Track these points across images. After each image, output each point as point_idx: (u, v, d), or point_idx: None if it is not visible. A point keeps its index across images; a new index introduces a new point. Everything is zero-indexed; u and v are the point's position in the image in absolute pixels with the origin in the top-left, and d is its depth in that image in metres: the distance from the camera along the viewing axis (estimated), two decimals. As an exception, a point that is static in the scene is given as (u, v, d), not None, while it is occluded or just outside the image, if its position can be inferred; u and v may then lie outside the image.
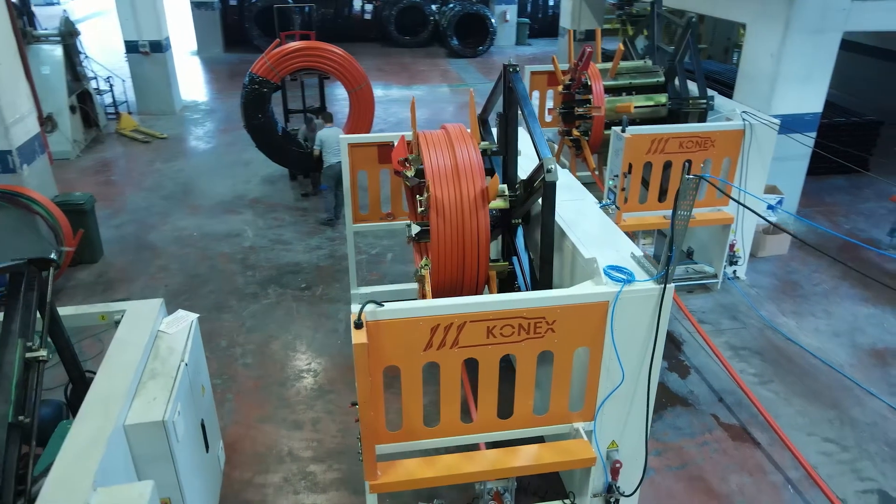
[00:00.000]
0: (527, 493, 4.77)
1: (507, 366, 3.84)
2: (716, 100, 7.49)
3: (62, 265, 7.29)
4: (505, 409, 3.94)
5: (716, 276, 7.46)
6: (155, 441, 3.61)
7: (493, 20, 20.17)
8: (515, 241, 4.84)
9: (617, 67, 7.58)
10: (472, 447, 4.20)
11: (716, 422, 5.61)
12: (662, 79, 7.62)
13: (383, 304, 3.47)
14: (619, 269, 3.79)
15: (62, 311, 3.99)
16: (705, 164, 6.85)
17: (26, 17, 11.33)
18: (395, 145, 5.40)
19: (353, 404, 3.96)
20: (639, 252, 4.06)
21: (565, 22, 15.12)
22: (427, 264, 4.53)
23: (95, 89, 12.61)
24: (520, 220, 4.86)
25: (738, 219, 7.15)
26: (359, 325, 3.41)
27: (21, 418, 3.15)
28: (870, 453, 5.27)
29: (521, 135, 4.97)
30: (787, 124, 7.53)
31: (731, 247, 7.29)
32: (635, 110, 7.35)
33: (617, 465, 4.10)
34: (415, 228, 4.71)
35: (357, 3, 21.07)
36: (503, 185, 4.72)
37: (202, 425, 4.39)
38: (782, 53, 7.65)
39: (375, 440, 3.75)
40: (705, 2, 9.32)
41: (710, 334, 6.50)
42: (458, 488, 4.62)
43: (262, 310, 7.14)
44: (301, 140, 9.95)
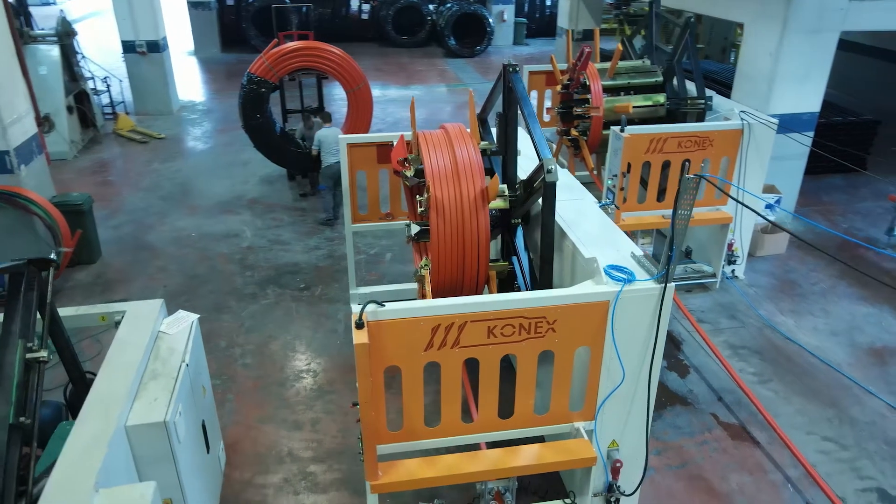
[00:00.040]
0: (527, 492, 4.78)
1: (507, 366, 3.84)
2: (714, 99, 7.51)
3: (60, 266, 7.27)
4: (506, 408, 3.94)
5: (714, 276, 7.47)
6: (156, 442, 3.60)
7: (490, 20, 20.17)
8: (515, 241, 4.85)
9: (615, 67, 7.59)
10: (473, 447, 4.20)
11: (715, 421, 5.62)
12: (661, 79, 7.63)
13: (384, 304, 3.48)
14: (619, 269, 3.80)
15: (62, 311, 3.98)
16: (704, 164, 6.84)
17: (23, 17, 11.30)
18: (395, 145, 5.40)
19: (354, 404, 3.95)
20: (639, 252, 4.07)
21: (563, 22, 15.14)
22: (427, 264, 4.53)
23: (93, 89, 12.56)
24: (519, 220, 4.87)
25: (737, 218, 7.16)
26: (360, 326, 3.41)
27: (22, 419, 3.14)
28: (869, 452, 5.29)
29: (520, 135, 4.98)
30: (785, 124, 7.55)
31: (730, 246, 7.30)
32: (634, 110, 7.35)
33: (617, 465, 4.10)
34: (414, 228, 4.72)
35: (354, 3, 21.01)
36: (503, 185, 4.73)
37: (203, 426, 4.39)
38: (780, 53, 7.67)
39: (377, 440, 3.76)
40: (703, 1, 9.33)
41: (709, 333, 6.51)
42: (459, 488, 4.62)
43: (261, 310, 7.13)
44: (299, 139, 9.94)
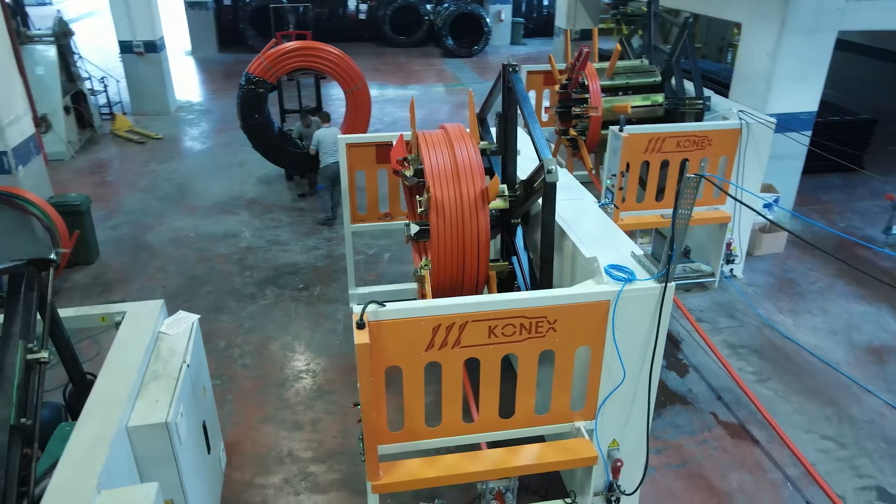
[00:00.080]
0: (528, 492, 4.78)
1: (507, 365, 3.84)
2: (712, 99, 7.52)
3: (59, 266, 7.26)
4: (506, 408, 3.95)
5: (713, 275, 7.48)
6: (158, 443, 3.60)
7: (487, 20, 20.18)
8: (515, 241, 4.85)
9: (614, 67, 7.60)
10: (474, 447, 4.20)
11: (715, 420, 5.63)
12: (659, 78, 7.64)
13: (385, 304, 3.48)
14: (619, 269, 3.81)
15: (62, 312, 3.98)
16: (703, 163, 6.85)
17: (20, 18, 11.28)
18: (394, 145, 5.40)
19: (355, 405, 3.95)
20: (639, 251, 4.08)
21: (560, 21, 15.17)
22: (427, 264, 4.53)
23: (90, 90, 12.53)
24: (519, 220, 4.87)
25: (735, 217, 7.17)
26: (361, 326, 3.41)
27: (23, 420, 3.13)
28: (868, 450, 5.30)
29: (520, 134, 4.98)
30: (783, 123, 7.57)
31: (728, 245, 7.31)
32: (632, 110, 7.36)
33: (618, 464, 4.11)
34: (414, 228, 4.72)
35: (352, 3, 21.00)
36: (503, 186, 4.73)
37: (204, 427, 4.39)
38: (778, 53, 7.68)
39: (378, 440, 3.76)
40: (700, 1, 9.35)
41: (707, 333, 6.52)
42: (460, 488, 4.62)
43: (261, 310, 7.12)
44: (296, 138, 9.93)
